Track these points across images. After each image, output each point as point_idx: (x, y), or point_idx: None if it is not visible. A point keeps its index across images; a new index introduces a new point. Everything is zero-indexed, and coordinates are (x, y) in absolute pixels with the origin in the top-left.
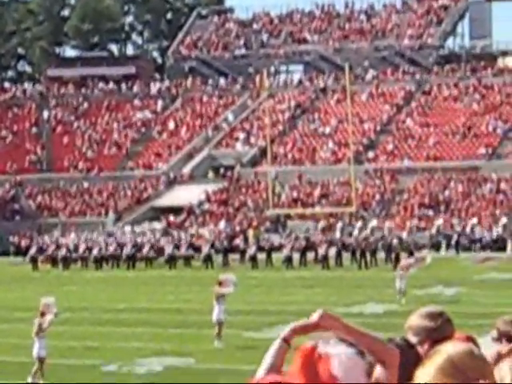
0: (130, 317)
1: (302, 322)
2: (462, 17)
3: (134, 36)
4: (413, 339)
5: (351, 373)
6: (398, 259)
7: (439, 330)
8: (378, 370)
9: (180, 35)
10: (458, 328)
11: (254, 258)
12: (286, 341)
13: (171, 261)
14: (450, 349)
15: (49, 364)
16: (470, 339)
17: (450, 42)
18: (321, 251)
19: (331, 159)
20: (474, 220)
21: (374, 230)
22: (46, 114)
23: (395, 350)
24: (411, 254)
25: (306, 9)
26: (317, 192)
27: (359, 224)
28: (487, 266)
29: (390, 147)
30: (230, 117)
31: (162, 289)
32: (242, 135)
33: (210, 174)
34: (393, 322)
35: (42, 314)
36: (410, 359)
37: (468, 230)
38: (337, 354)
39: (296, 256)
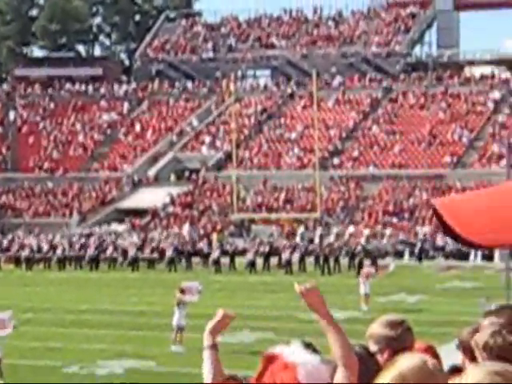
0: (92, 318)
1: (213, 323)
2: (429, 25)
3: (102, 37)
4: (373, 347)
5: (317, 381)
6: (361, 266)
7: (399, 339)
8: (340, 373)
9: (148, 38)
10: (420, 336)
11: (217, 262)
12: (212, 346)
13: (134, 263)
14: (402, 364)
15: (9, 364)
16: (430, 348)
17: (417, 50)
18: (284, 256)
19: (296, 165)
20: None
21: (353, 236)
22: (11, 113)
23: (356, 357)
24: (374, 260)
25: (275, 14)
26: (281, 197)
27: (335, 230)
28: (450, 275)
29: (355, 154)
30: (195, 122)
31: (125, 291)
32: (207, 139)
33: (172, 177)
34: (355, 329)
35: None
36: (369, 368)
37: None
38: (303, 363)
39: (259, 261)
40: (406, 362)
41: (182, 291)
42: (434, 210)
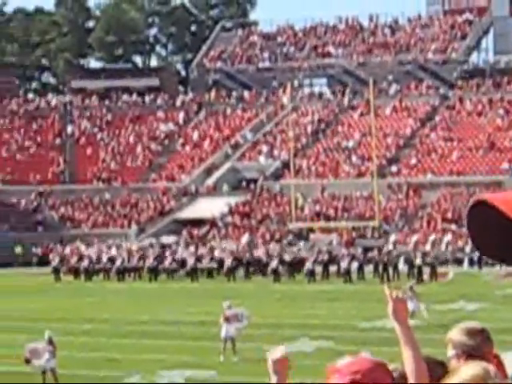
0: (151, 329)
1: (271, 367)
2: (486, 32)
3: (158, 48)
4: (450, 352)
5: None
6: (420, 273)
7: (477, 348)
8: None
9: (204, 48)
10: None
11: (276, 271)
12: None
13: (193, 273)
14: (466, 372)
15: (70, 375)
16: (496, 357)
17: (474, 57)
18: (343, 265)
19: (354, 173)
20: None
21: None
22: (69, 125)
23: (427, 374)
24: (433, 268)
25: (331, 22)
26: (339, 206)
27: (415, 238)
28: (509, 282)
29: (413, 161)
30: (248, 135)
31: (184, 301)
32: (265, 148)
33: (230, 187)
34: (415, 337)
35: (27, 361)
36: (436, 377)
37: None
38: None
39: (318, 269)
40: (470, 370)
41: (227, 319)
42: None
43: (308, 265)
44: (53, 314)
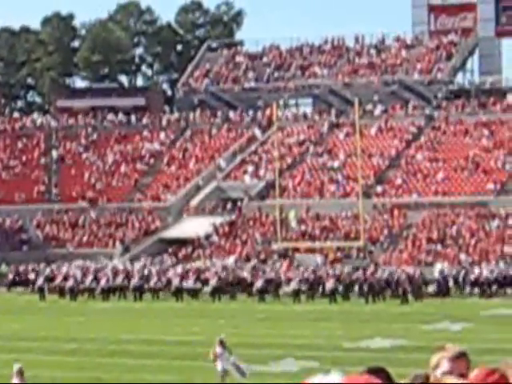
0: (136, 348)
1: None
2: (471, 52)
3: (144, 68)
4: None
5: None
6: (405, 294)
7: (459, 371)
8: None
9: (190, 67)
10: None
11: (261, 291)
12: None
13: (178, 293)
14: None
15: None
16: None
17: (459, 78)
18: (328, 285)
19: (339, 193)
20: None
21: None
22: (54, 144)
23: None
24: (419, 289)
25: (316, 43)
26: (325, 226)
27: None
28: (494, 302)
29: (398, 182)
30: (222, 163)
31: (168, 321)
32: (250, 168)
33: (215, 207)
34: (400, 357)
35: None
36: None
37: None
38: None
39: (303, 289)
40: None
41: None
42: None
43: (293, 285)
44: (37, 333)
